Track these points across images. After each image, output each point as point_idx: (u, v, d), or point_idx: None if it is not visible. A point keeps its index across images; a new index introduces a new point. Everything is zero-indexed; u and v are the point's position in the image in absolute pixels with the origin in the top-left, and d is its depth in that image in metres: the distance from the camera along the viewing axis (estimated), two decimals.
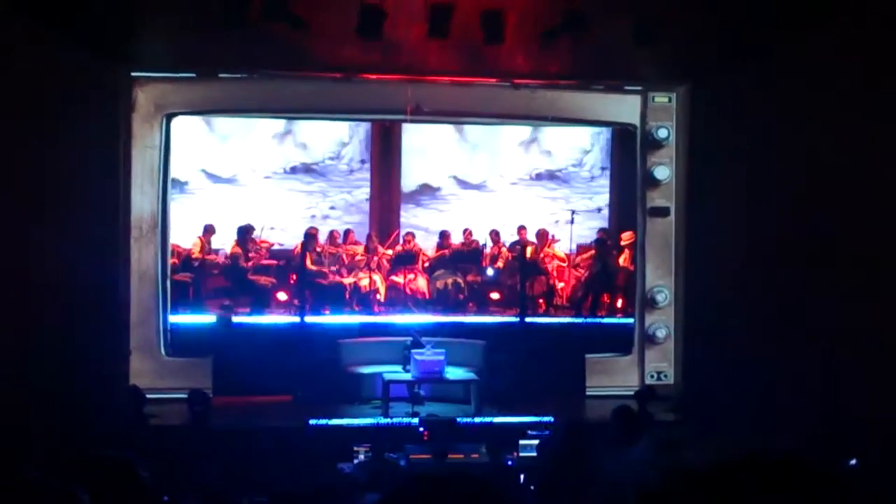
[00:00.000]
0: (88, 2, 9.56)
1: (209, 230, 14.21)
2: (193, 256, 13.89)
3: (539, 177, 16.56)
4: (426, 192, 16.55)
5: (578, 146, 16.56)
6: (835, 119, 9.53)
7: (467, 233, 15.33)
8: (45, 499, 1.84)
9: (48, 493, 1.84)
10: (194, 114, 13.46)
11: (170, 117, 12.74)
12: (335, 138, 16.20)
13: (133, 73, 12.40)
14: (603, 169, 16.50)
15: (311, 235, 14.29)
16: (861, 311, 9.14)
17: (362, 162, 16.33)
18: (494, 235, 15.22)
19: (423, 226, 16.03)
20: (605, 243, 14.69)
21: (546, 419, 10.96)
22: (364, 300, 14.19)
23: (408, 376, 11.86)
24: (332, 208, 15.90)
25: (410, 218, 16.23)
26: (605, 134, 16.29)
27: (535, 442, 9.58)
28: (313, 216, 15.64)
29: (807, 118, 10.06)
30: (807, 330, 10.02)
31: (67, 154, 10.53)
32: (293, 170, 15.96)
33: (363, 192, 16.27)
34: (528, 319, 13.60)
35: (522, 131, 16.45)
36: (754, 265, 11.20)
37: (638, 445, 1.01)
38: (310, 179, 16.03)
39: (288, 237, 15.10)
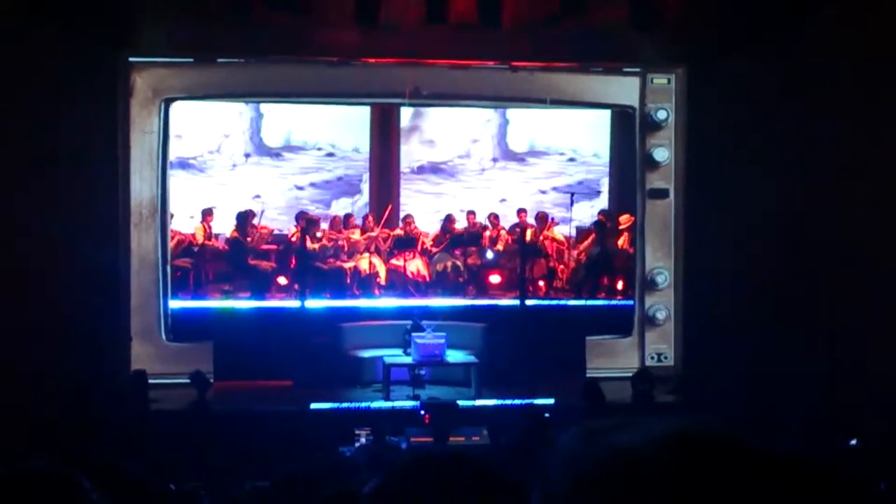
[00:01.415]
0: None
1: (208, 214, 14.19)
2: (195, 242, 13.89)
3: (421, 170, 15.48)
4: None
5: (466, 135, 15.45)
6: (835, 100, 9.52)
7: (471, 216, 15.31)
8: (46, 486, 1.85)
9: (48, 479, 1.85)
10: (192, 99, 13.42)
11: (168, 102, 12.72)
12: (216, 129, 14.65)
13: (131, 59, 12.37)
14: (494, 160, 15.51)
15: (311, 220, 14.28)
16: (863, 292, 9.16)
17: (246, 156, 14.87)
18: (493, 218, 15.21)
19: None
20: (604, 226, 14.69)
21: (547, 401, 10.99)
22: (364, 284, 14.20)
23: (408, 360, 11.90)
24: (213, 208, 14.43)
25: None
26: (495, 120, 15.50)
27: None
28: (191, 217, 14.15)
29: (806, 99, 10.05)
30: (807, 311, 10.04)
31: (66, 139, 10.53)
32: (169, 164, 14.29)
33: (248, 189, 14.87)
34: (528, 302, 13.61)
35: (402, 118, 15.36)
36: (754, 246, 11.21)
37: (567, 434, 1.00)
38: (188, 176, 14.50)
39: (285, 222, 14.83)
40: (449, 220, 15.06)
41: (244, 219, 14.05)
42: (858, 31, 9.16)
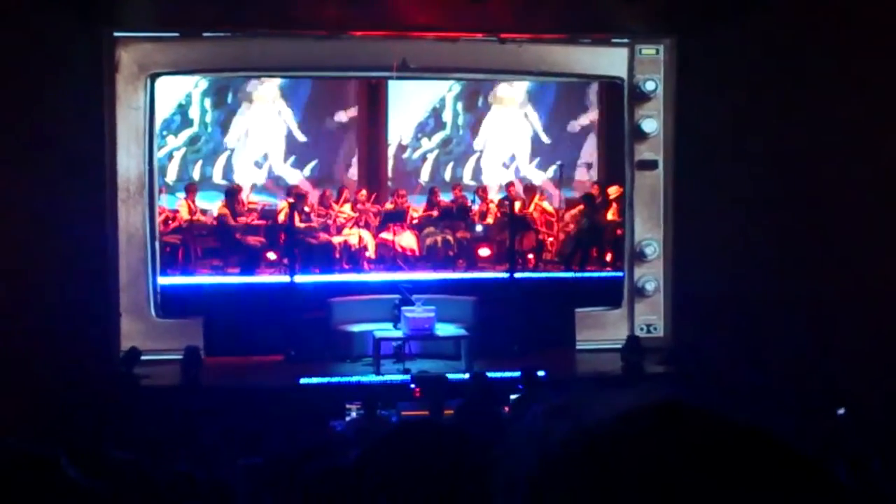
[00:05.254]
0: None
1: (191, 189, 14.16)
2: (182, 219, 13.85)
3: None
4: None
5: None
6: (824, 70, 9.49)
7: (457, 189, 15.30)
8: (23, 465, 1.83)
9: (22, 459, 1.83)
10: (178, 73, 13.34)
11: (154, 77, 12.62)
12: None
13: (116, 34, 12.26)
14: None
15: (300, 195, 14.25)
16: (851, 262, 9.17)
17: None
18: (482, 192, 15.20)
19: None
20: (592, 198, 14.68)
21: (538, 373, 11.00)
22: (354, 258, 14.18)
23: (398, 333, 11.90)
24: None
25: None
26: None
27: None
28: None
29: (795, 69, 10.02)
30: (795, 280, 10.06)
31: (52, 116, 10.44)
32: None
33: None
34: (517, 275, 13.62)
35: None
36: (742, 216, 11.21)
37: (529, 414, 0.98)
38: None
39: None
40: (433, 193, 15.07)
41: (233, 194, 14.02)
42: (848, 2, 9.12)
